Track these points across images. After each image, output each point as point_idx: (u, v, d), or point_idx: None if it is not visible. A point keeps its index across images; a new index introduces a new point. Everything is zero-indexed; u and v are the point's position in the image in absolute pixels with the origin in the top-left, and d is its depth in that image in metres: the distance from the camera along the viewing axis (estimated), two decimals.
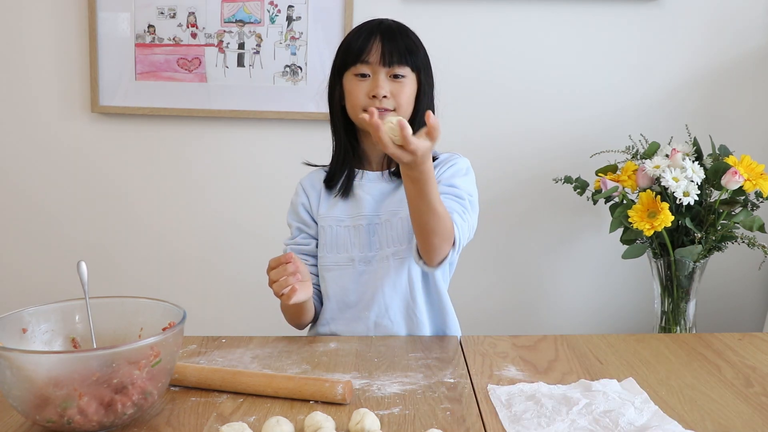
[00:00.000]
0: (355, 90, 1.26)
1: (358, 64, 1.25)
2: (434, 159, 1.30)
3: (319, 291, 1.37)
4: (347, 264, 1.33)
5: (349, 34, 1.30)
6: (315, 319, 1.38)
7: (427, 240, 1.17)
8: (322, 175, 1.38)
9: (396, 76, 1.25)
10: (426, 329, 1.33)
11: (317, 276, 1.37)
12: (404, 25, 1.30)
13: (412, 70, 1.26)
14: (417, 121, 1.28)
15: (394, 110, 1.26)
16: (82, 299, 0.99)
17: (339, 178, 1.34)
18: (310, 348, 1.18)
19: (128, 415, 0.87)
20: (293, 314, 1.32)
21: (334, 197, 1.35)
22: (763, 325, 2.08)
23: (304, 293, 1.15)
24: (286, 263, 1.11)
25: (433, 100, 1.32)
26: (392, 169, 1.33)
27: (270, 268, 1.13)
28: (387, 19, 1.30)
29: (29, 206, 2.16)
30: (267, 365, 1.10)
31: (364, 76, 1.26)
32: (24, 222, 2.17)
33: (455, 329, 1.37)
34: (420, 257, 1.22)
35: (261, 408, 0.95)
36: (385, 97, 1.24)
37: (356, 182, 1.34)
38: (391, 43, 1.24)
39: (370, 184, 1.34)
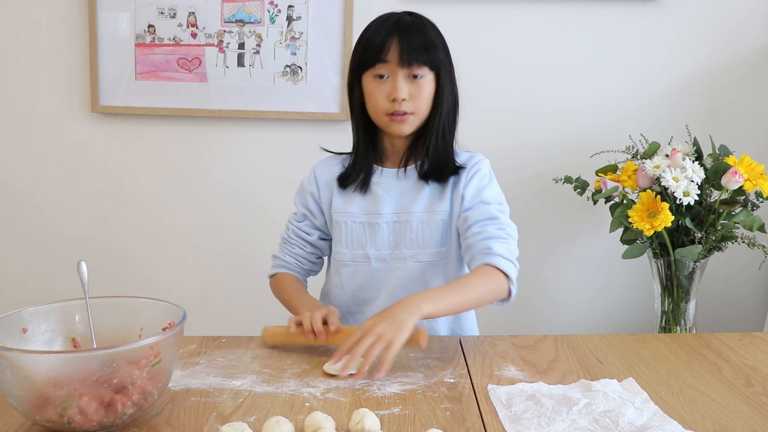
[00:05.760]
0: (375, 92, 1.26)
1: (376, 65, 1.24)
2: (459, 168, 1.30)
3: (305, 275, 1.41)
4: (363, 261, 1.33)
5: (366, 31, 1.27)
6: None
7: (486, 303, 1.20)
8: (337, 167, 1.37)
9: (415, 76, 1.24)
10: (442, 330, 1.33)
11: (313, 263, 1.41)
12: (423, 20, 1.27)
13: (431, 69, 1.25)
14: (435, 121, 1.28)
15: (413, 113, 1.25)
16: (82, 299, 0.99)
17: (357, 173, 1.33)
18: (310, 348, 1.18)
19: (128, 415, 0.87)
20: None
21: (351, 193, 1.34)
22: (763, 325, 2.08)
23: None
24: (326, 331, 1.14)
25: (455, 96, 1.30)
26: (409, 166, 1.32)
27: (312, 318, 1.15)
28: (405, 15, 1.27)
29: (29, 206, 2.16)
30: (267, 365, 1.10)
31: (382, 76, 1.24)
32: (24, 222, 2.17)
33: (472, 329, 1.37)
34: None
35: (261, 408, 0.95)
36: (404, 99, 1.23)
37: (374, 179, 1.33)
38: (408, 43, 1.22)
39: (388, 181, 1.33)
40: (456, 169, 1.30)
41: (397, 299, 1.28)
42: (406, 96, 1.23)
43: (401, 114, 1.24)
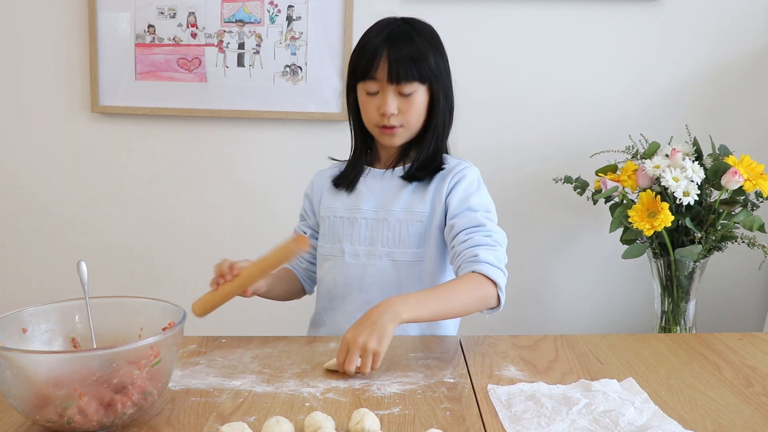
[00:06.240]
0: (366, 105, 1.29)
1: (366, 81, 1.26)
2: (442, 165, 1.32)
3: (307, 275, 1.46)
4: (338, 255, 1.35)
5: (362, 39, 1.28)
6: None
7: (473, 312, 1.19)
8: (335, 170, 1.41)
9: (404, 93, 1.25)
10: (412, 331, 1.33)
11: (311, 263, 1.44)
12: (417, 29, 1.27)
13: (422, 82, 1.26)
14: (431, 130, 1.30)
15: (402, 126, 1.28)
16: (82, 299, 0.99)
17: (349, 175, 1.36)
18: (310, 348, 1.18)
19: (128, 415, 0.87)
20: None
21: (339, 191, 1.37)
22: (763, 325, 2.08)
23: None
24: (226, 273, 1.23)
25: (450, 103, 1.32)
26: (397, 167, 1.35)
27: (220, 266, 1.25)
28: (399, 24, 1.27)
29: (29, 206, 2.16)
30: (267, 365, 1.10)
31: (373, 91, 1.27)
32: (24, 222, 2.17)
33: (450, 329, 1.37)
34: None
35: (261, 408, 0.95)
36: (393, 114, 1.26)
37: (361, 178, 1.37)
38: (397, 60, 1.23)
39: (373, 180, 1.36)
40: (438, 168, 1.31)
41: (370, 299, 1.29)
42: (395, 111, 1.26)
43: (390, 127, 1.27)
